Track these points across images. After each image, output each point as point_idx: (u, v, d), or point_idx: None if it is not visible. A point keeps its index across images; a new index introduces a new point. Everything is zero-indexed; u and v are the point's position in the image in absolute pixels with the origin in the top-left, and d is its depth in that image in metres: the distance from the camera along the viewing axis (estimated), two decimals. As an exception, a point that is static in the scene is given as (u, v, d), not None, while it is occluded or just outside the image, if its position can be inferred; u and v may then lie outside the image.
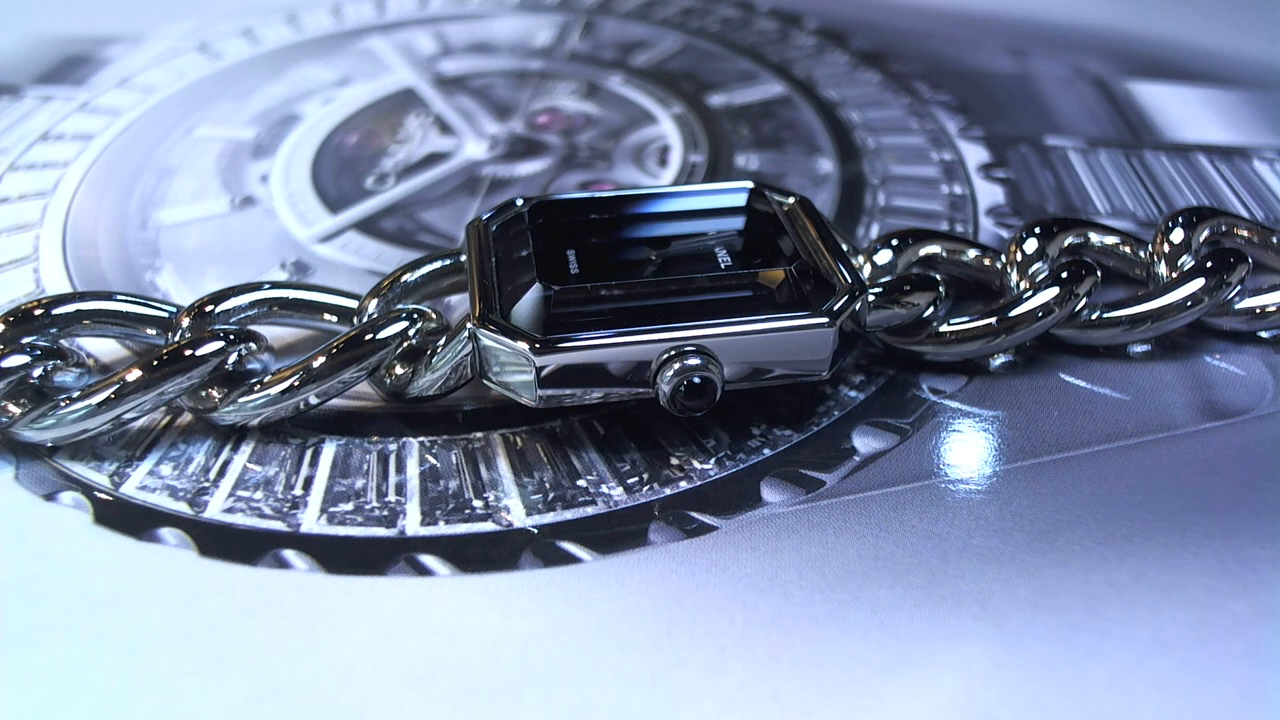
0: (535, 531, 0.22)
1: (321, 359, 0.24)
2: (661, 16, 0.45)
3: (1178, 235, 0.27)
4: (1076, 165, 0.34)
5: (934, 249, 0.27)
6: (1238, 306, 0.26)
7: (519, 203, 0.26)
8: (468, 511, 0.23)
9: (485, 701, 0.19)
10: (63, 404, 0.23)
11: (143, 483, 0.23)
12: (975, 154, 0.35)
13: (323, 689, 0.19)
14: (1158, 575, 0.21)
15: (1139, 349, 0.26)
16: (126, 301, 0.25)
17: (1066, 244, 0.27)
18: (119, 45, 0.42)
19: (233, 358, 0.24)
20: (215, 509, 0.23)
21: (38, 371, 0.24)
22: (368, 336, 0.24)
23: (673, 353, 0.22)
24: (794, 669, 0.19)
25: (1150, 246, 0.27)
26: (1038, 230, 0.27)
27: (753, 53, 0.42)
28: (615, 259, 0.25)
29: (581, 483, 0.23)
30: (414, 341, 0.24)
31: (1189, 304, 0.25)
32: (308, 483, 0.23)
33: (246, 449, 0.24)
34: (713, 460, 0.24)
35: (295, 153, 0.36)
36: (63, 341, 0.25)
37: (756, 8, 0.46)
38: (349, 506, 0.23)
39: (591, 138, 0.37)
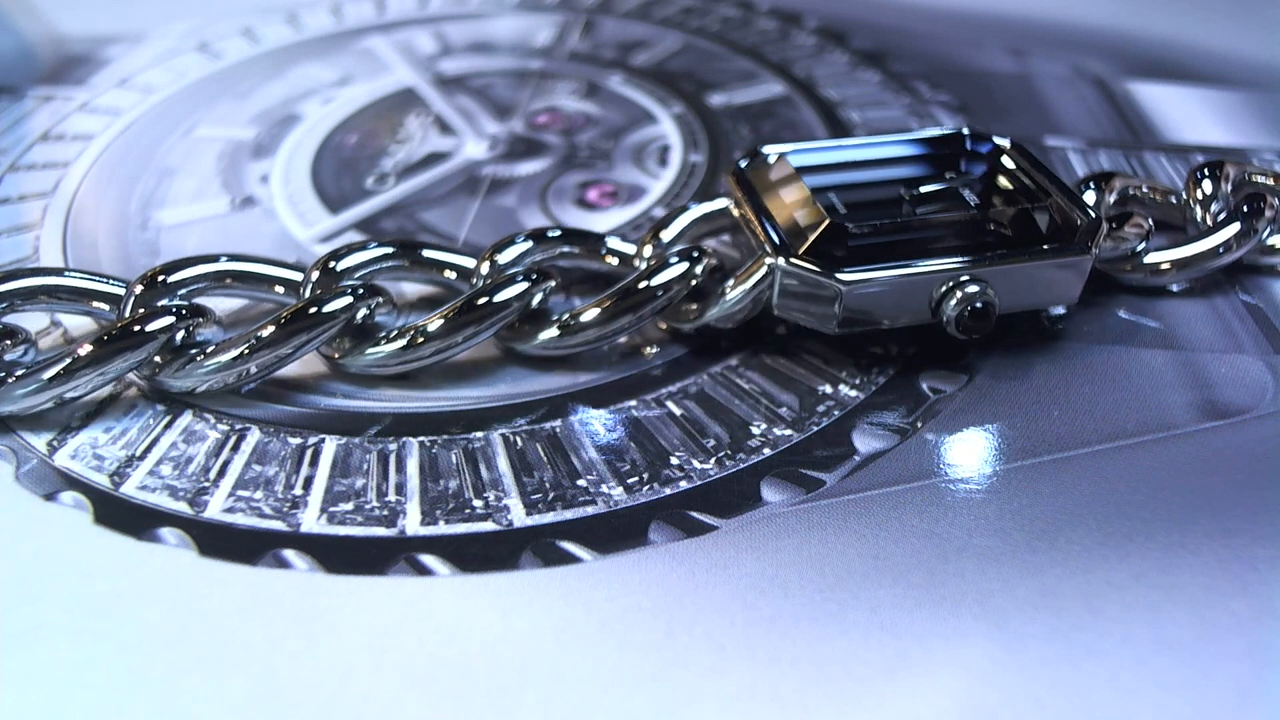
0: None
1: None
2: (661, 16, 0.45)
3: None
4: (1076, 165, 0.34)
5: (1128, 189, 0.30)
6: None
7: (766, 151, 0.28)
8: (468, 511, 0.23)
9: (485, 701, 0.19)
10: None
11: (143, 483, 0.23)
12: (975, 154, 0.35)
13: (323, 689, 0.19)
14: (1158, 575, 0.21)
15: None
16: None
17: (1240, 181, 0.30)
18: (119, 45, 0.42)
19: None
20: (215, 509, 0.23)
21: None
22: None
23: (951, 283, 0.24)
24: (794, 669, 0.19)
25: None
26: (1213, 171, 0.29)
27: (753, 52, 0.42)
28: (872, 199, 0.27)
29: (581, 483, 0.23)
30: (700, 280, 0.26)
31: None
32: (308, 482, 0.23)
33: (246, 449, 0.24)
34: (713, 460, 0.24)
35: (295, 153, 0.36)
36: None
37: (756, 7, 0.46)
38: (349, 506, 0.23)
39: (591, 137, 0.37)
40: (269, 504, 0.23)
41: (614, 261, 0.28)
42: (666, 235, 0.27)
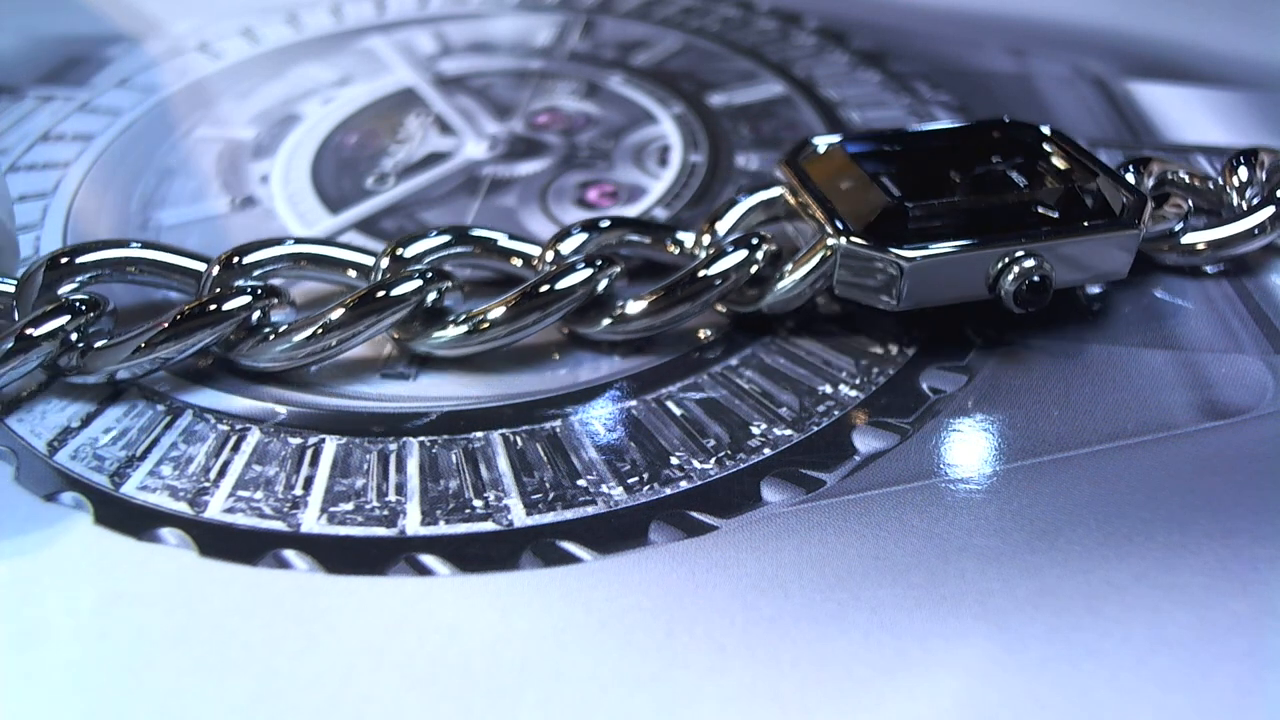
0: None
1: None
2: (661, 16, 0.45)
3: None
4: (1076, 165, 0.34)
5: (1166, 173, 0.30)
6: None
7: (816, 142, 0.29)
8: (468, 511, 0.23)
9: (485, 701, 0.19)
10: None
11: (143, 483, 0.23)
12: (975, 154, 0.35)
13: (323, 689, 0.19)
14: (1158, 575, 0.21)
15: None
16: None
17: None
18: (119, 45, 0.42)
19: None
20: (215, 509, 0.23)
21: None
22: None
23: (1007, 259, 0.25)
24: (794, 669, 0.19)
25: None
26: (1249, 159, 0.30)
27: (753, 52, 0.42)
28: (924, 182, 0.28)
29: (581, 483, 0.23)
30: (760, 266, 0.26)
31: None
32: (308, 482, 0.23)
33: (246, 449, 0.24)
34: (713, 460, 0.24)
35: (295, 153, 0.36)
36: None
37: (756, 7, 0.46)
38: (349, 506, 0.23)
39: (591, 137, 0.37)
40: (269, 504, 0.23)
41: (675, 251, 0.28)
42: (722, 226, 0.28)
